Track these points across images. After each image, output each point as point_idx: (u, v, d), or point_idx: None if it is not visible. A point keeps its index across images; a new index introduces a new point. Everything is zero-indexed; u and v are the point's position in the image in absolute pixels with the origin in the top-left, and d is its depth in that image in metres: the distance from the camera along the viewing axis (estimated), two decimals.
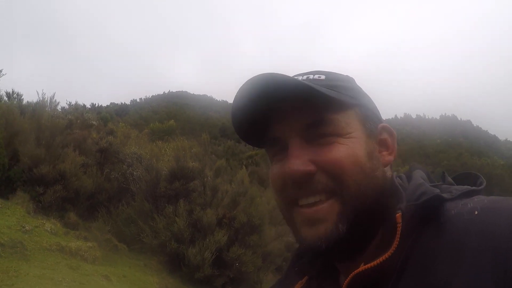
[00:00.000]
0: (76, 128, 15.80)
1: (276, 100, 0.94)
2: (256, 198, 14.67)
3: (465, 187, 0.95)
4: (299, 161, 0.91)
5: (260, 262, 13.35)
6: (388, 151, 1.03)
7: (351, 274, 0.88)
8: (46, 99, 15.10)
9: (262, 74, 0.93)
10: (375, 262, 0.86)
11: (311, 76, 1.01)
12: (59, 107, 17.36)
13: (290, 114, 0.96)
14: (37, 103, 15.10)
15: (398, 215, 0.86)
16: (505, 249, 0.73)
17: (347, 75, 1.09)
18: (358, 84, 1.08)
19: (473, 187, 0.96)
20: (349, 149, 0.93)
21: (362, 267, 0.87)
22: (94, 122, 17.91)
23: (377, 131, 1.02)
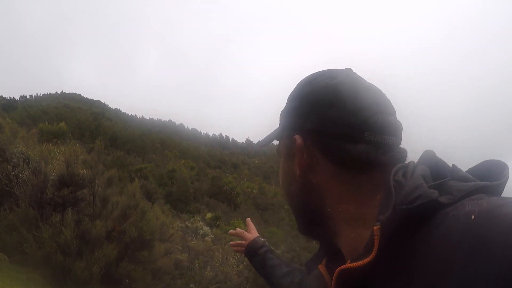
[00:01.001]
0: None
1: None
2: (148, 213, 14.43)
3: (474, 183, 0.90)
4: None
5: (150, 279, 13.00)
6: (298, 159, 1.03)
7: (337, 270, 0.91)
8: None
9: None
10: (356, 264, 0.87)
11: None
12: None
13: None
14: None
15: (376, 228, 0.85)
16: (499, 257, 0.71)
17: (297, 85, 1.09)
18: (299, 85, 1.08)
19: (485, 182, 0.90)
20: (280, 173, 1.12)
21: (347, 265, 0.90)
22: None
23: (294, 145, 1.02)
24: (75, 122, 67.97)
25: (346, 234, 0.99)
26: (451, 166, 0.99)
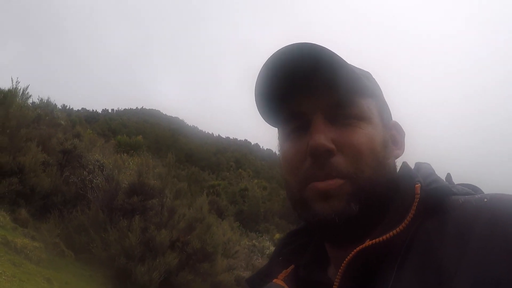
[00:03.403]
0: (44, 124, 15.54)
1: (308, 72, 0.93)
2: (213, 227, 14.55)
3: (468, 189, 0.93)
4: (324, 136, 0.91)
5: None
6: (397, 147, 1.05)
7: (355, 250, 0.86)
8: (19, 88, 14.82)
9: (297, 43, 0.91)
10: (384, 237, 0.84)
11: None
12: (30, 101, 17.03)
13: (317, 91, 0.95)
14: (9, 90, 14.72)
15: (417, 185, 0.88)
16: None
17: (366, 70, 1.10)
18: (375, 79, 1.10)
19: (473, 192, 0.93)
20: (368, 135, 0.94)
21: (368, 242, 0.85)
22: (63, 122, 17.65)
23: (390, 125, 1.05)
24: (153, 136, 70.09)
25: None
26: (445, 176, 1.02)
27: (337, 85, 0.92)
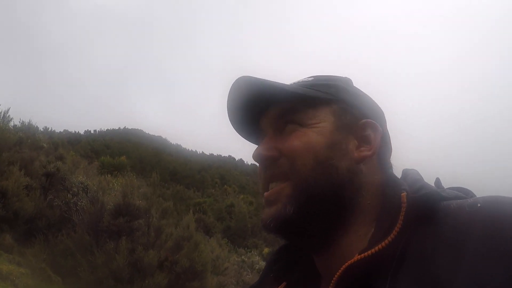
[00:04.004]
0: (26, 147, 15.40)
1: (258, 100, 1.04)
2: (201, 245, 14.46)
3: (459, 193, 0.93)
4: (263, 147, 1.01)
5: None
6: (367, 148, 1.02)
7: (344, 266, 0.85)
8: (0, 111, 14.68)
9: (242, 78, 1.03)
10: (373, 250, 0.83)
11: (301, 80, 1.10)
12: (11, 124, 16.88)
13: (271, 108, 1.05)
14: None
15: (403, 194, 0.87)
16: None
17: (341, 76, 1.15)
18: (351, 84, 1.13)
19: (465, 196, 0.93)
20: (306, 137, 0.98)
21: (357, 257, 0.84)
22: (45, 145, 17.50)
23: (357, 126, 1.04)
24: (137, 156, 69.77)
25: (355, 230, 0.95)
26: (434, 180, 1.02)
27: (275, 103, 1.03)
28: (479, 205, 0.79)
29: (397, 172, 1.06)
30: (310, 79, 1.09)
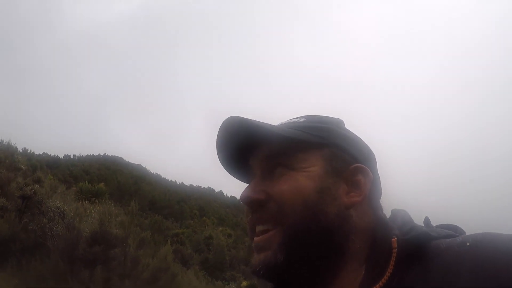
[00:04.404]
0: (3, 167, 15.15)
1: (248, 141, 1.03)
2: (178, 276, 14.28)
3: (448, 231, 0.94)
4: (251, 189, 1.00)
5: None
6: (357, 193, 1.01)
7: None
8: None
9: (232, 118, 1.02)
10: None
11: (292, 120, 1.09)
12: None
13: (260, 149, 1.04)
14: None
15: (394, 240, 0.88)
16: (506, 273, 0.71)
17: (333, 118, 1.14)
18: (343, 126, 1.13)
19: (456, 234, 0.94)
20: (296, 182, 0.97)
21: None
22: (23, 167, 17.25)
23: (347, 171, 1.02)
24: (116, 184, 69.08)
25: (345, 275, 0.94)
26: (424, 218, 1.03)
27: (264, 145, 1.02)
28: (468, 244, 0.81)
29: (387, 211, 1.07)
30: (301, 120, 1.08)
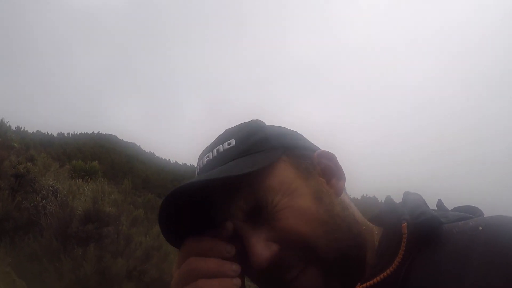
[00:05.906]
0: None
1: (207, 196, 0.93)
2: (171, 255, 14.36)
3: (462, 213, 0.93)
4: (260, 247, 0.85)
5: None
6: (336, 177, 0.98)
7: None
8: None
9: (182, 186, 0.88)
10: (375, 280, 0.82)
11: (221, 148, 0.96)
12: None
13: (226, 200, 0.91)
14: None
15: (404, 225, 0.86)
16: None
17: (255, 121, 1.05)
18: (268, 125, 1.04)
19: (470, 215, 0.92)
20: (294, 209, 0.87)
21: (359, 287, 0.84)
22: (16, 145, 17.21)
23: (314, 164, 0.98)
24: (109, 162, 68.95)
25: (367, 263, 0.92)
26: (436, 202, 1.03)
27: (238, 192, 0.89)
28: (480, 228, 0.78)
29: (398, 196, 1.03)
30: (232, 143, 0.96)
